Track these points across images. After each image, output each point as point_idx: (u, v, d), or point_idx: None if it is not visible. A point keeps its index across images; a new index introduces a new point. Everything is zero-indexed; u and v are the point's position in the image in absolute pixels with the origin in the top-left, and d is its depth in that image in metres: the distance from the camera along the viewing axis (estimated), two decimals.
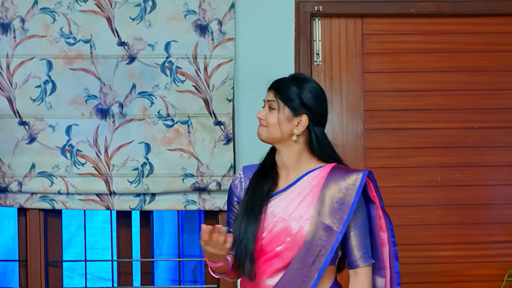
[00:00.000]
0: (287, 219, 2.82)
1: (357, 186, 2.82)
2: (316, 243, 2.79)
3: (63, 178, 3.93)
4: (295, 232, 2.80)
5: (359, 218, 2.83)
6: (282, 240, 2.81)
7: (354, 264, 2.83)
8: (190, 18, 3.96)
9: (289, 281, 2.79)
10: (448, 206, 4.14)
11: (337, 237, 2.78)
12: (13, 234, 4.30)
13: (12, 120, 3.94)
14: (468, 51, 4.16)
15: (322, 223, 2.79)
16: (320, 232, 2.79)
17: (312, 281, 2.78)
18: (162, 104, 3.95)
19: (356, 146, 4.13)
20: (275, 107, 2.87)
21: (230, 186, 3.01)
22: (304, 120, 2.86)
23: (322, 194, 2.82)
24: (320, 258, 2.78)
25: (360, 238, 2.83)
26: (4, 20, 3.94)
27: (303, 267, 2.78)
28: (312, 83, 2.92)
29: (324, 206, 2.81)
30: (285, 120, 2.85)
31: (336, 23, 4.15)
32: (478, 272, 4.13)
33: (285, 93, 2.87)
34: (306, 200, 2.83)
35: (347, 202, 2.80)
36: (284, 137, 2.86)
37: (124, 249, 4.14)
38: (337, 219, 2.79)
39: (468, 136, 4.15)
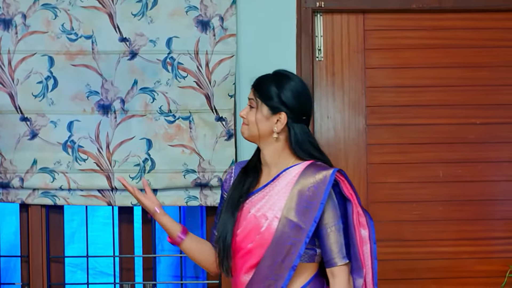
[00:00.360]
0: (258, 216, 2.84)
1: (326, 183, 2.81)
2: (284, 242, 2.79)
3: (64, 174, 3.94)
4: (264, 229, 2.82)
5: (333, 217, 2.82)
6: (253, 238, 2.84)
7: (329, 263, 2.83)
8: (191, 14, 3.96)
9: (260, 278, 2.81)
10: (450, 202, 4.13)
11: (306, 235, 2.78)
12: (15, 230, 4.31)
13: (13, 116, 3.94)
14: (470, 46, 4.15)
15: (290, 221, 2.79)
16: (288, 230, 2.79)
17: (282, 279, 2.79)
18: (164, 100, 3.95)
19: (358, 142, 4.13)
20: (254, 106, 2.90)
21: (223, 181, 3.09)
22: (283, 117, 2.87)
23: (293, 192, 2.83)
24: (290, 257, 2.78)
25: (335, 236, 2.81)
26: (6, 16, 3.94)
27: (272, 265, 2.79)
28: (293, 81, 2.92)
29: (293, 204, 2.81)
30: (263, 118, 2.88)
31: (338, 18, 4.14)
32: (480, 268, 4.13)
33: (263, 91, 2.89)
34: (277, 198, 2.84)
35: (316, 200, 2.79)
36: (264, 135, 2.89)
37: (126, 245, 4.14)
38: (306, 218, 2.79)
39: (469, 131, 4.14)
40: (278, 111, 2.88)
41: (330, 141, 4.11)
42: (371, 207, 4.10)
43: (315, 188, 2.80)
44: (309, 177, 2.83)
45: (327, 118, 4.12)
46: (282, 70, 3.00)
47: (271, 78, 2.92)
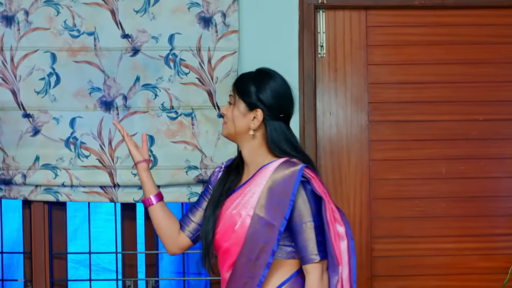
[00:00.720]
0: (233, 214, 2.86)
1: (294, 180, 2.80)
2: (257, 239, 2.79)
3: (67, 171, 3.94)
4: (237, 227, 2.83)
5: (304, 214, 2.81)
6: (228, 236, 2.86)
7: (303, 260, 2.82)
8: (193, 10, 3.95)
9: (237, 276, 2.82)
10: (452, 199, 4.13)
11: (278, 232, 2.78)
12: (17, 226, 4.31)
13: (16, 112, 3.94)
14: (472, 43, 4.15)
15: (262, 218, 2.80)
16: (260, 228, 2.79)
17: (258, 277, 2.79)
18: (166, 96, 3.95)
19: (360, 139, 4.12)
20: (232, 102, 2.93)
21: (212, 172, 3.12)
22: (259, 114, 2.88)
23: (265, 189, 2.83)
24: (264, 254, 2.78)
25: (307, 234, 2.80)
26: (8, 13, 3.94)
27: (247, 263, 2.80)
28: (273, 79, 2.93)
29: (264, 201, 2.82)
30: (240, 114, 2.89)
31: (340, 15, 4.14)
32: (482, 264, 4.12)
33: (241, 87, 2.91)
34: (252, 196, 2.85)
35: (285, 197, 2.79)
36: (240, 132, 2.90)
37: (128, 241, 4.14)
38: (277, 215, 2.78)
39: (472, 128, 4.14)
40: (255, 108, 2.88)
41: (332, 137, 4.11)
42: (373, 203, 4.10)
43: (284, 185, 2.80)
44: (280, 174, 2.83)
45: (330, 115, 4.12)
46: (265, 68, 3.01)
47: (252, 76, 2.94)
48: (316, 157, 4.06)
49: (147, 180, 3.05)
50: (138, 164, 3.05)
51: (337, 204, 4.03)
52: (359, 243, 4.09)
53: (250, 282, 2.79)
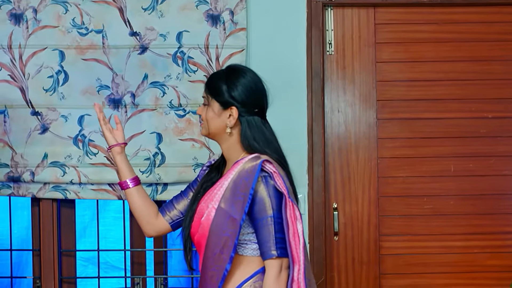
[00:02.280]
0: (202, 206, 2.87)
1: (253, 175, 2.79)
2: (221, 233, 2.79)
3: (75, 168, 3.95)
4: (203, 219, 2.84)
5: (264, 209, 2.79)
6: (196, 228, 2.87)
7: (262, 256, 2.80)
8: (202, 8, 3.96)
9: (205, 269, 2.83)
10: (461, 196, 4.12)
11: (239, 227, 2.77)
12: (27, 224, 4.32)
13: (24, 110, 3.95)
14: (481, 40, 4.14)
15: (226, 212, 2.79)
16: (224, 222, 2.79)
17: (222, 270, 2.78)
18: (174, 94, 3.95)
19: (368, 136, 4.12)
20: (206, 103, 2.92)
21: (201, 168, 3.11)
22: (234, 112, 2.87)
23: (229, 184, 2.83)
24: (227, 249, 2.77)
25: (266, 230, 2.78)
26: (17, 11, 3.95)
27: (211, 256, 2.80)
28: (243, 74, 2.91)
29: (229, 196, 2.81)
30: (214, 115, 2.89)
31: (348, 12, 4.13)
32: (491, 262, 4.11)
33: (213, 87, 2.90)
34: (218, 190, 2.85)
35: (246, 191, 2.78)
36: (218, 131, 2.90)
37: (137, 239, 4.15)
38: (239, 209, 2.78)
39: (481, 126, 4.13)
40: (229, 106, 2.88)
41: (340, 135, 4.11)
42: (381, 201, 4.09)
43: (246, 178, 2.80)
44: (243, 170, 2.82)
45: (338, 112, 4.11)
46: (234, 65, 3.01)
47: (221, 74, 2.92)
48: (324, 155, 4.06)
49: (122, 164, 3.05)
50: (112, 148, 3.05)
51: (345, 202, 4.08)
52: (367, 240, 4.09)
53: (215, 276, 2.79)
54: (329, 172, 4.09)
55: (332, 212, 4.09)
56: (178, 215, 3.04)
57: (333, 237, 4.09)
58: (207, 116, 2.90)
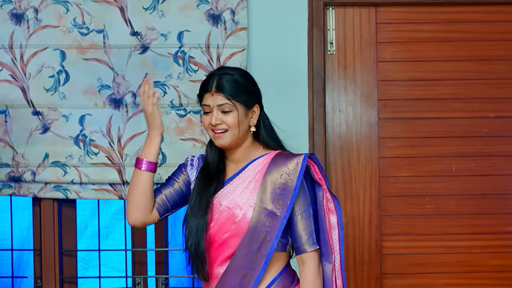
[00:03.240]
0: (231, 207, 2.84)
1: (298, 170, 2.82)
2: (260, 230, 2.79)
3: (76, 168, 3.95)
4: (239, 219, 2.82)
5: (304, 203, 2.83)
6: (227, 228, 2.83)
7: (298, 249, 2.83)
8: (202, 7, 3.95)
9: (236, 268, 2.81)
10: (463, 196, 4.11)
11: (281, 222, 2.79)
12: (28, 224, 4.33)
13: (25, 110, 3.95)
14: (483, 39, 4.12)
15: (265, 209, 2.80)
16: (263, 218, 2.79)
17: (259, 267, 2.79)
18: (175, 93, 3.95)
19: (370, 136, 4.11)
20: (231, 109, 2.84)
21: (182, 164, 3.03)
22: (257, 110, 2.90)
23: (265, 180, 2.83)
24: (266, 245, 2.79)
25: (305, 223, 2.82)
26: (18, 11, 3.95)
27: (248, 254, 2.79)
28: (241, 71, 2.93)
29: (266, 192, 2.82)
30: (243, 117, 2.87)
31: (350, 12, 4.12)
32: (493, 262, 4.10)
33: (235, 91, 2.85)
34: (249, 187, 2.84)
35: (289, 187, 2.80)
36: (244, 134, 2.89)
37: (138, 239, 4.15)
38: (281, 205, 2.79)
39: (483, 125, 4.12)
40: (253, 105, 2.88)
41: (342, 134, 4.10)
42: (383, 201, 4.08)
43: (287, 175, 2.81)
44: (281, 165, 2.84)
45: (339, 112, 4.10)
46: (224, 67, 3.00)
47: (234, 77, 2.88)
48: (326, 154, 4.05)
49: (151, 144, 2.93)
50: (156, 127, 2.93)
51: (346, 202, 4.07)
52: (369, 240, 4.08)
53: (250, 274, 2.79)
54: (330, 171, 4.08)
55: None
56: (165, 201, 2.97)
57: None
58: (238, 121, 2.83)
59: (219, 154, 2.95)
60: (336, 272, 2.89)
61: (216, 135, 2.86)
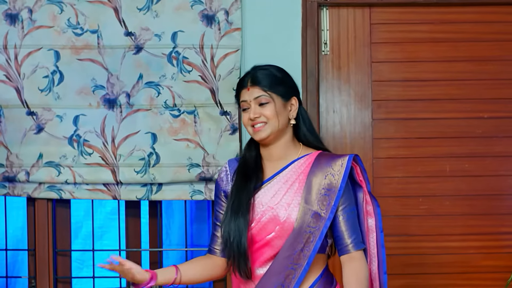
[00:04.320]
0: (274, 207, 2.82)
1: (343, 171, 2.82)
2: (304, 230, 2.78)
3: (70, 168, 3.95)
4: (283, 220, 2.80)
5: (347, 202, 2.83)
6: (271, 229, 2.81)
7: (345, 249, 2.81)
8: (196, 8, 3.95)
9: (278, 269, 2.79)
10: (457, 197, 4.11)
11: (325, 223, 2.78)
12: (22, 224, 4.33)
13: (20, 110, 3.95)
14: (477, 40, 4.12)
15: (309, 210, 2.79)
16: (308, 219, 2.78)
17: (301, 268, 2.78)
18: (169, 94, 3.95)
19: (364, 136, 4.11)
20: (268, 100, 2.84)
21: (217, 180, 2.99)
22: (295, 102, 2.89)
23: (309, 181, 2.82)
24: (309, 245, 2.78)
25: (350, 222, 2.82)
26: (12, 11, 3.95)
27: (292, 255, 2.78)
28: (276, 66, 2.93)
29: (311, 193, 2.81)
30: (281, 108, 2.85)
31: (344, 12, 4.12)
32: (487, 263, 4.10)
33: (270, 83, 2.85)
34: (292, 188, 2.82)
35: (334, 187, 2.80)
36: (283, 126, 2.87)
37: (133, 239, 4.15)
38: (325, 206, 2.79)
39: (477, 126, 4.12)
40: (290, 97, 2.88)
41: (336, 135, 4.10)
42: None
43: (332, 176, 2.81)
44: (325, 166, 2.83)
45: (333, 112, 4.11)
46: (258, 65, 2.96)
47: (269, 70, 2.89)
48: None
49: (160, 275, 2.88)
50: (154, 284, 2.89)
51: None
52: None
53: (293, 274, 2.78)
54: None
55: None
56: None
57: None
58: (276, 112, 2.82)
59: (257, 152, 2.93)
60: (373, 275, 2.88)
61: (255, 130, 2.85)
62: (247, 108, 2.87)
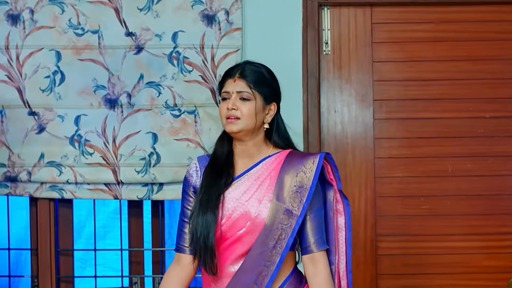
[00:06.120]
0: (245, 203, 2.81)
1: (314, 168, 2.81)
2: (276, 227, 2.78)
3: (71, 168, 3.96)
4: (254, 216, 2.79)
5: (316, 202, 2.82)
6: (242, 225, 2.80)
7: (308, 249, 2.81)
8: (197, 8, 3.96)
9: (251, 266, 2.78)
10: (458, 197, 4.10)
11: (297, 220, 2.78)
12: (25, 223, 4.35)
13: (21, 110, 3.98)
14: (478, 39, 4.11)
15: (281, 206, 2.79)
16: (280, 216, 2.78)
17: (274, 265, 2.77)
18: (170, 94, 3.96)
19: (365, 136, 4.10)
20: (250, 98, 2.82)
21: (185, 176, 2.95)
22: (273, 108, 2.88)
23: (280, 178, 2.81)
24: (281, 242, 2.78)
25: (315, 222, 2.81)
26: (14, 12, 3.97)
27: (264, 251, 2.77)
28: (267, 67, 2.91)
29: (283, 190, 2.80)
30: (260, 109, 2.84)
31: (345, 12, 4.12)
32: (488, 263, 4.09)
33: (258, 81, 2.84)
34: (264, 185, 2.82)
35: (305, 185, 2.79)
36: (257, 127, 2.85)
37: (135, 238, 4.16)
38: (296, 203, 2.79)
39: (478, 125, 4.10)
40: (271, 102, 2.87)
41: (337, 135, 4.10)
42: (378, 201, 4.08)
43: (304, 173, 2.81)
44: (297, 164, 2.82)
45: (334, 112, 4.10)
46: (250, 61, 2.94)
47: (259, 69, 2.88)
48: None
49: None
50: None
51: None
52: (364, 241, 4.08)
53: (265, 271, 2.77)
54: None
55: None
56: None
57: None
58: (255, 110, 2.81)
59: (229, 148, 2.92)
60: (341, 273, 2.89)
61: (228, 121, 2.82)
62: (227, 98, 2.85)
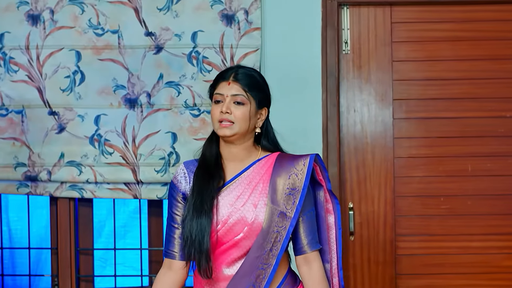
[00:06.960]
0: (241, 209, 2.80)
1: (305, 170, 2.81)
2: (272, 230, 2.79)
3: (91, 167, 3.98)
4: (251, 221, 2.79)
5: (307, 204, 2.83)
6: (239, 230, 2.80)
7: (301, 250, 2.83)
8: (216, 8, 3.97)
9: (249, 269, 2.78)
10: (478, 196, 4.08)
11: (291, 222, 2.79)
12: (46, 223, 4.37)
13: (42, 110, 3.99)
14: (499, 38, 4.09)
15: (276, 209, 2.79)
16: (275, 219, 2.79)
17: (270, 267, 2.79)
18: (189, 93, 3.97)
19: (385, 136, 4.09)
20: (244, 102, 2.80)
21: (172, 182, 2.91)
22: (264, 113, 2.88)
23: (273, 181, 2.81)
24: (277, 245, 2.79)
25: (308, 224, 2.83)
26: (34, 12, 3.99)
27: (261, 255, 2.78)
28: (259, 72, 2.92)
29: (276, 193, 2.80)
30: (253, 113, 2.84)
31: (364, 11, 4.11)
32: (509, 263, 4.07)
33: (252, 85, 2.83)
34: (257, 189, 2.82)
35: (297, 187, 2.80)
36: (249, 131, 2.84)
37: (155, 238, 4.17)
38: (290, 205, 2.79)
39: (499, 125, 4.08)
40: (262, 106, 2.87)
41: (356, 134, 4.09)
42: (398, 201, 4.07)
43: (295, 175, 2.81)
44: (288, 166, 2.83)
45: (354, 112, 4.09)
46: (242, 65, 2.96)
47: (253, 73, 2.87)
48: (340, 154, 4.04)
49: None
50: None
51: (361, 202, 4.06)
52: (383, 241, 4.07)
53: (263, 274, 2.79)
54: (344, 171, 4.07)
55: (347, 211, 4.07)
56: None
57: (349, 237, 4.08)
58: (250, 115, 2.81)
59: (218, 151, 2.90)
60: (333, 271, 2.91)
61: (221, 125, 2.80)
62: (220, 101, 2.83)
